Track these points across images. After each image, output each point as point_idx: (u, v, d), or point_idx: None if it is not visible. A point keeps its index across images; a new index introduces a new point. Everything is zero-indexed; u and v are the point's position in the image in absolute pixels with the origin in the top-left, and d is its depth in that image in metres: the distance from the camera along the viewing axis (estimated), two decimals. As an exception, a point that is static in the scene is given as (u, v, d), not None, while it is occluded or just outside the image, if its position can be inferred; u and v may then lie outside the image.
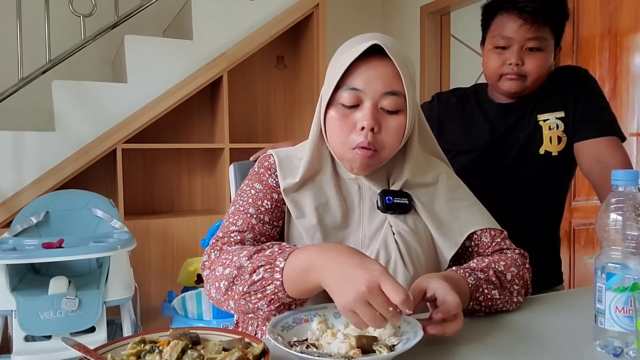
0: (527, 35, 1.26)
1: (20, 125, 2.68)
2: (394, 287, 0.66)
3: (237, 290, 0.81)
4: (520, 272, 0.96)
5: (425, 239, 0.97)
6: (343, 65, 0.89)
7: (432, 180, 1.02)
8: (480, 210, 1.03)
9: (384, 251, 0.93)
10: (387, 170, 0.99)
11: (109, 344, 0.70)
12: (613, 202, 0.74)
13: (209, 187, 3.18)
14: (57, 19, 2.52)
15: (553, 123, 1.32)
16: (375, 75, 0.89)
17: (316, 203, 0.96)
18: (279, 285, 0.78)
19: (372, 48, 0.88)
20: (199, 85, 2.71)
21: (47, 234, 2.23)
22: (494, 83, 1.35)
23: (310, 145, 0.98)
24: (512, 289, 0.93)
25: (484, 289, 0.89)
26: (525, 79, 1.30)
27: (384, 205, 0.95)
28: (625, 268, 0.72)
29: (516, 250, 1.02)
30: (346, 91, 0.90)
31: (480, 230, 1.00)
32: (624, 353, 0.73)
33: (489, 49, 1.33)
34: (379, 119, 0.90)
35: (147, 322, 2.60)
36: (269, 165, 1.01)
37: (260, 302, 0.80)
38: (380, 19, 4.13)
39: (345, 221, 0.96)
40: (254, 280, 0.79)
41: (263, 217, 0.95)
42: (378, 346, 0.72)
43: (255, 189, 0.98)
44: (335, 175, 0.99)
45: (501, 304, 0.91)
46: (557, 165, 1.33)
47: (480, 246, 1.01)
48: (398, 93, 0.89)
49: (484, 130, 1.38)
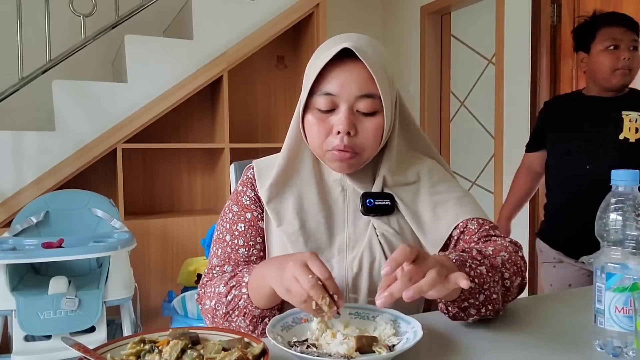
0: (632, 37, 1.66)
1: (20, 125, 2.68)
2: (319, 265, 0.74)
3: (220, 315, 0.89)
4: (513, 257, 0.89)
5: (411, 238, 0.96)
6: (316, 70, 0.89)
7: (414, 178, 0.99)
8: (468, 202, 0.99)
9: (368, 253, 0.93)
10: (372, 170, 0.98)
11: (108, 343, 0.70)
12: (613, 202, 0.74)
13: (209, 187, 3.18)
14: (57, 19, 2.52)
15: (634, 117, 1.67)
16: (349, 78, 0.88)
17: (298, 208, 0.95)
18: (246, 299, 0.86)
19: (346, 50, 0.87)
20: (199, 85, 2.71)
21: (47, 233, 2.23)
22: (607, 77, 1.68)
23: (286, 147, 0.98)
24: (503, 271, 0.85)
25: (470, 264, 0.81)
26: (631, 73, 1.67)
27: (364, 208, 0.94)
28: (625, 268, 0.72)
29: (507, 239, 0.95)
30: (321, 96, 0.89)
31: (465, 219, 0.95)
32: (624, 353, 0.73)
33: (600, 50, 1.69)
34: (355, 122, 0.89)
35: (147, 322, 2.60)
36: (247, 179, 1.03)
37: (238, 319, 0.88)
38: (380, 19, 4.13)
39: (328, 224, 0.96)
40: (228, 300, 0.88)
41: (237, 242, 0.98)
42: (378, 346, 0.72)
43: (232, 212, 1.02)
44: (318, 177, 0.98)
45: (493, 285, 0.82)
46: (634, 152, 1.64)
47: (467, 233, 0.95)
48: (373, 95, 0.88)
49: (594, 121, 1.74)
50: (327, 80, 0.89)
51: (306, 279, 0.72)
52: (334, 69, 0.88)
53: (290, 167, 0.98)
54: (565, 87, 2.86)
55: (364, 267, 0.92)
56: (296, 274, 0.73)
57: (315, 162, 0.99)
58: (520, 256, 0.93)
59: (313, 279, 0.71)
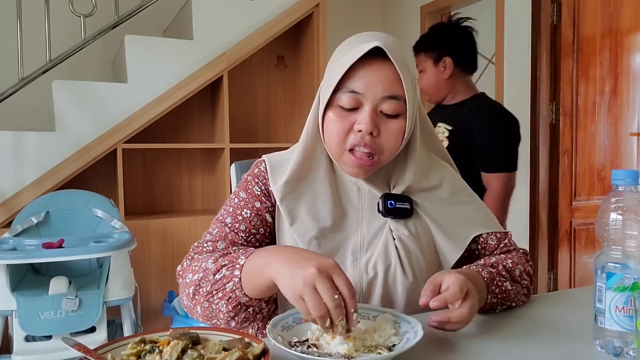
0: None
1: (20, 125, 2.68)
2: (344, 281, 0.69)
3: (202, 292, 0.84)
4: (526, 269, 0.99)
5: (426, 244, 0.95)
6: (343, 67, 0.87)
7: (436, 183, 0.99)
8: (485, 213, 1.03)
9: (384, 257, 0.91)
10: (386, 173, 0.97)
11: (109, 344, 0.70)
12: (613, 201, 0.74)
13: (209, 187, 3.18)
14: (57, 19, 2.52)
15: (441, 130, 1.90)
16: (376, 78, 0.86)
17: (311, 207, 0.94)
18: (237, 282, 0.80)
19: (373, 49, 0.85)
20: (199, 85, 2.71)
21: (47, 234, 2.23)
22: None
23: (302, 144, 0.95)
24: (522, 282, 0.96)
25: (498, 281, 0.91)
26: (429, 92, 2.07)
27: (385, 209, 0.92)
28: (625, 268, 0.72)
29: (520, 250, 1.04)
30: (345, 94, 0.87)
31: (486, 234, 1.00)
32: (624, 353, 0.73)
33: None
34: (378, 122, 0.87)
35: (147, 322, 2.60)
36: (259, 172, 1.00)
37: (220, 301, 0.82)
38: (380, 19, 4.13)
39: (342, 224, 0.94)
40: (216, 279, 0.82)
41: (238, 225, 0.94)
42: (378, 347, 0.72)
43: (239, 198, 0.98)
44: (333, 175, 0.96)
45: (514, 296, 0.93)
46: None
47: (487, 249, 1.01)
48: (399, 97, 0.87)
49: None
50: (353, 78, 0.87)
51: (331, 297, 0.67)
52: (362, 67, 0.86)
53: (305, 165, 0.95)
54: (566, 87, 2.87)
55: (379, 272, 0.91)
56: (319, 287, 0.67)
57: (331, 160, 0.97)
58: (530, 265, 1.03)
59: (339, 299, 0.67)
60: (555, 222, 2.94)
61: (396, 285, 0.91)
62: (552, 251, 2.94)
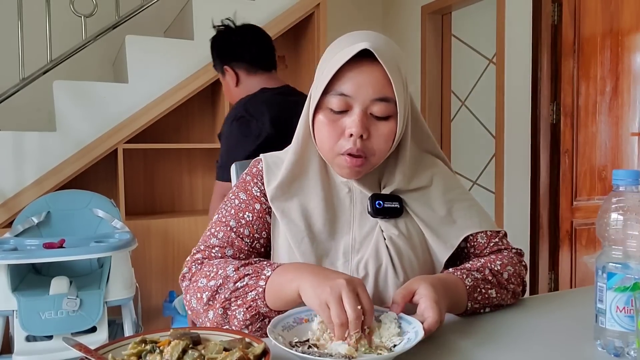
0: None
1: (21, 125, 2.68)
2: (368, 298, 0.74)
3: (219, 299, 0.84)
4: (517, 270, 0.97)
5: (418, 242, 0.95)
6: (332, 69, 0.86)
7: (426, 182, 0.98)
8: (478, 211, 1.01)
9: (375, 257, 0.91)
10: (378, 173, 0.96)
11: (109, 344, 0.70)
12: (614, 201, 0.74)
13: (209, 187, 3.17)
14: (58, 19, 2.52)
15: None
16: (366, 80, 0.85)
17: (303, 208, 0.94)
18: (260, 292, 0.81)
19: (363, 50, 0.84)
20: (200, 85, 2.71)
21: (48, 234, 2.24)
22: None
23: (294, 146, 0.95)
24: (509, 287, 0.94)
25: (481, 288, 0.90)
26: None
27: (374, 209, 0.93)
28: (626, 268, 0.72)
29: (512, 249, 1.01)
30: (335, 96, 0.86)
31: (476, 232, 0.99)
32: (625, 353, 0.73)
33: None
34: (368, 125, 0.87)
35: (148, 322, 2.60)
36: (257, 171, 1.00)
37: (238, 309, 0.83)
38: (380, 19, 4.13)
39: (334, 225, 0.94)
40: (237, 287, 0.83)
41: (243, 230, 0.95)
42: (378, 347, 0.72)
43: (239, 199, 0.98)
44: (325, 177, 0.96)
45: (497, 302, 0.93)
46: None
47: (477, 247, 0.99)
48: (389, 99, 0.86)
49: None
50: (342, 80, 0.86)
51: (355, 308, 0.71)
52: (350, 69, 0.85)
53: (297, 167, 0.96)
54: (566, 87, 2.86)
55: (370, 272, 0.91)
56: (345, 297, 0.71)
57: (323, 161, 0.97)
58: (524, 265, 1.01)
59: (360, 311, 0.71)
60: (556, 222, 2.93)
61: (387, 284, 0.91)
62: (553, 251, 2.94)
